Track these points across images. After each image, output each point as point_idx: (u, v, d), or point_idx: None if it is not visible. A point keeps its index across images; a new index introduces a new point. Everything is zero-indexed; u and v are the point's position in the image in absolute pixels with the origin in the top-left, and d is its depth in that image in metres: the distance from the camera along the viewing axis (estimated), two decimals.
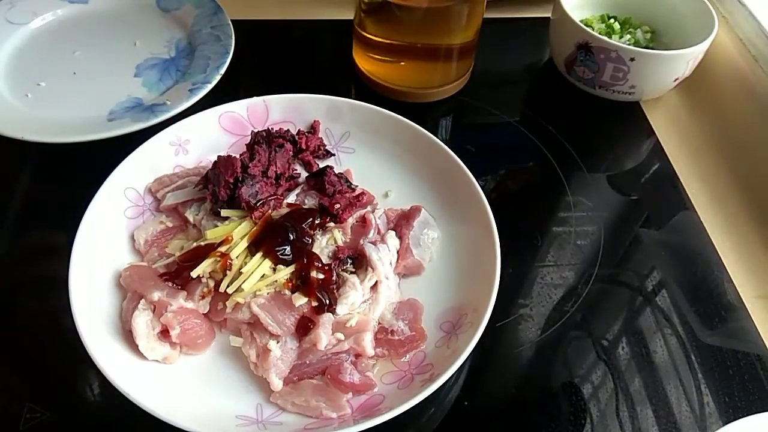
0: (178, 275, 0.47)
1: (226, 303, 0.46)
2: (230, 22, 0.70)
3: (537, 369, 0.49)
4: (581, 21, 0.70)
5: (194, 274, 0.46)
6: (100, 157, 0.53)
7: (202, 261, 0.47)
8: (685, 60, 0.64)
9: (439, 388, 0.42)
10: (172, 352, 0.46)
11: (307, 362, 0.46)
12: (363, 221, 0.53)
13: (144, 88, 0.66)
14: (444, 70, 0.66)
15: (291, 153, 0.56)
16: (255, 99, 0.59)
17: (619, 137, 0.68)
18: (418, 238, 0.52)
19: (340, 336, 0.46)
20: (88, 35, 0.71)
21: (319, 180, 0.54)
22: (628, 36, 0.70)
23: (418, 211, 0.54)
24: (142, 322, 0.45)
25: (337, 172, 0.54)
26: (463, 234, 0.53)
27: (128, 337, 0.45)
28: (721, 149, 0.67)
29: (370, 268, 0.49)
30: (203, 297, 0.47)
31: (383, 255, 0.50)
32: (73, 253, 0.46)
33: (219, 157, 0.52)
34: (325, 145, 0.59)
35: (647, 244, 0.59)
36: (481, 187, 0.53)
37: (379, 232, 0.52)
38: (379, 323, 0.48)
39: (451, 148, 0.56)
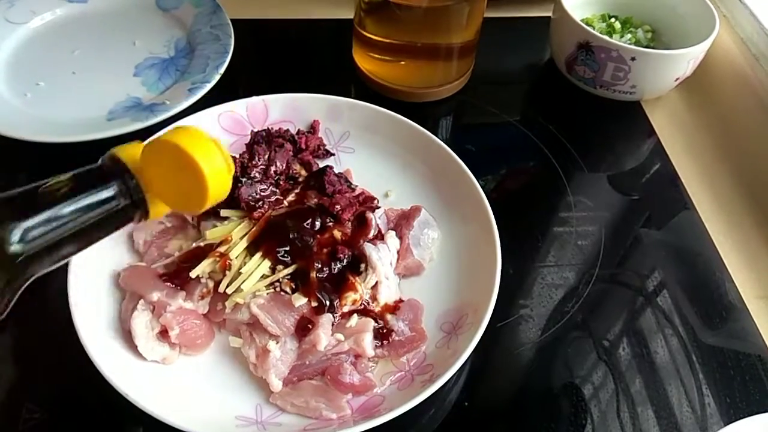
0: (178, 276, 0.47)
1: (226, 303, 0.46)
2: (230, 22, 0.70)
3: (537, 369, 0.49)
4: (582, 20, 0.69)
5: (193, 274, 0.46)
6: (100, 157, 0.52)
7: (202, 261, 0.47)
8: (685, 59, 0.64)
9: (439, 389, 0.42)
10: (171, 352, 0.45)
11: (307, 363, 0.46)
12: (363, 221, 0.52)
13: (143, 87, 0.66)
14: (444, 70, 0.66)
15: (291, 153, 0.56)
16: (254, 99, 0.59)
17: (620, 137, 0.68)
18: (418, 238, 0.52)
19: (340, 336, 0.46)
20: (88, 35, 0.71)
21: (319, 180, 0.54)
22: (629, 35, 0.70)
23: (418, 211, 0.54)
24: (141, 322, 0.45)
25: (336, 172, 0.54)
26: (463, 234, 0.53)
27: (127, 337, 0.45)
28: (722, 149, 0.67)
29: (370, 268, 0.49)
30: (203, 297, 0.47)
31: (383, 255, 0.50)
32: None
33: None
34: (324, 145, 0.59)
35: (648, 244, 0.58)
36: (481, 187, 0.53)
37: (379, 232, 0.52)
38: None
39: (451, 148, 0.56)
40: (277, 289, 0.47)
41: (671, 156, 0.65)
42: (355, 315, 0.47)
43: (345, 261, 0.49)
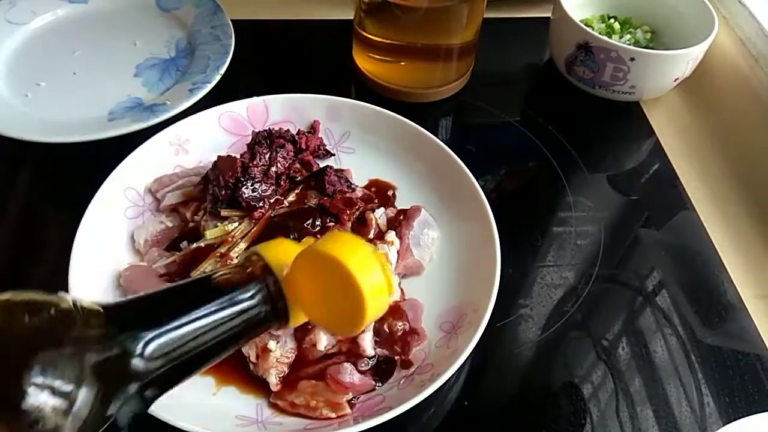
0: (179, 275, 0.47)
1: None
2: (230, 22, 0.70)
3: (537, 369, 0.49)
4: (581, 21, 0.70)
5: (194, 274, 0.46)
6: (100, 157, 0.53)
7: (203, 261, 0.47)
8: (685, 60, 0.64)
9: (439, 388, 0.42)
10: None
11: (307, 362, 0.46)
12: (363, 221, 0.52)
13: (144, 88, 0.66)
14: (444, 70, 0.66)
15: (292, 153, 0.56)
16: (255, 99, 0.59)
17: (619, 137, 0.68)
18: (418, 238, 0.52)
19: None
20: (88, 35, 0.71)
21: (319, 180, 0.54)
22: (628, 36, 0.70)
23: (418, 211, 0.54)
24: None
25: (337, 172, 0.54)
26: (463, 234, 0.53)
27: None
28: (721, 149, 0.67)
29: None
30: None
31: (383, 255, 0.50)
32: (73, 254, 0.46)
33: (219, 157, 0.52)
34: (325, 145, 0.59)
35: (647, 244, 0.59)
36: (481, 187, 0.53)
37: (379, 232, 0.52)
38: None
39: (451, 148, 0.56)
40: None
41: (670, 156, 0.65)
42: None
43: None
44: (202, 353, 0.28)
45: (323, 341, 0.45)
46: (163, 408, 0.40)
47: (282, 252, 0.32)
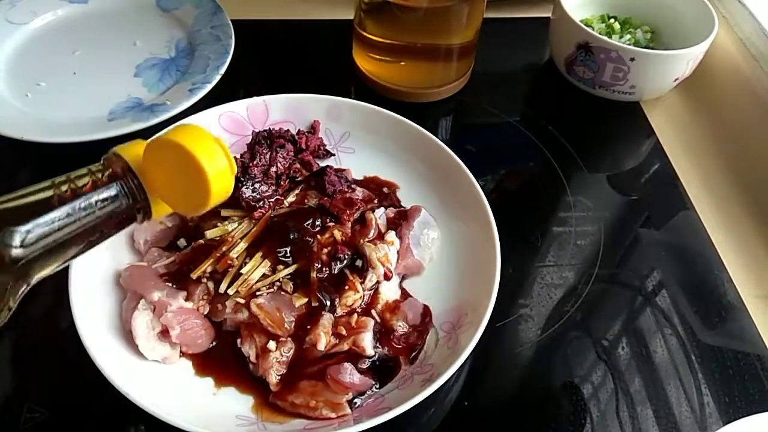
0: (178, 275, 0.47)
1: (226, 303, 0.46)
2: (230, 22, 0.70)
3: (537, 369, 0.49)
4: (581, 21, 0.70)
5: (194, 275, 0.46)
6: (100, 157, 0.52)
7: (202, 261, 0.47)
8: (685, 60, 0.64)
9: (439, 388, 0.42)
10: (171, 352, 0.46)
11: (307, 362, 0.46)
12: (363, 221, 0.52)
13: (144, 88, 0.66)
14: (444, 70, 0.66)
15: (292, 153, 0.56)
16: (255, 99, 0.59)
17: (619, 137, 0.68)
18: (418, 238, 0.52)
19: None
20: (88, 35, 0.71)
21: (319, 180, 0.54)
22: (628, 36, 0.70)
23: (418, 211, 0.54)
24: (142, 322, 0.45)
25: (336, 172, 0.54)
26: (463, 234, 0.53)
27: (128, 337, 0.45)
28: (722, 149, 0.67)
29: (370, 268, 0.49)
30: (203, 298, 0.47)
31: (383, 255, 0.50)
32: None
33: None
34: (325, 145, 0.59)
35: (647, 244, 0.59)
36: (481, 187, 0.53)
37: (379, 232, 0.52)
38: None
39: (451, 148, 0.56)
40: (277, 288, 0.47)
41: (670, 156, 0.65)
42: (355, 314, 0.47)
43: (345, 261, 0.49)
44: (71, 240, 0.33)
45: (323, 341, 0.45)
46: (163, 408, 0.40)
47: (139, 149, 0.36)
